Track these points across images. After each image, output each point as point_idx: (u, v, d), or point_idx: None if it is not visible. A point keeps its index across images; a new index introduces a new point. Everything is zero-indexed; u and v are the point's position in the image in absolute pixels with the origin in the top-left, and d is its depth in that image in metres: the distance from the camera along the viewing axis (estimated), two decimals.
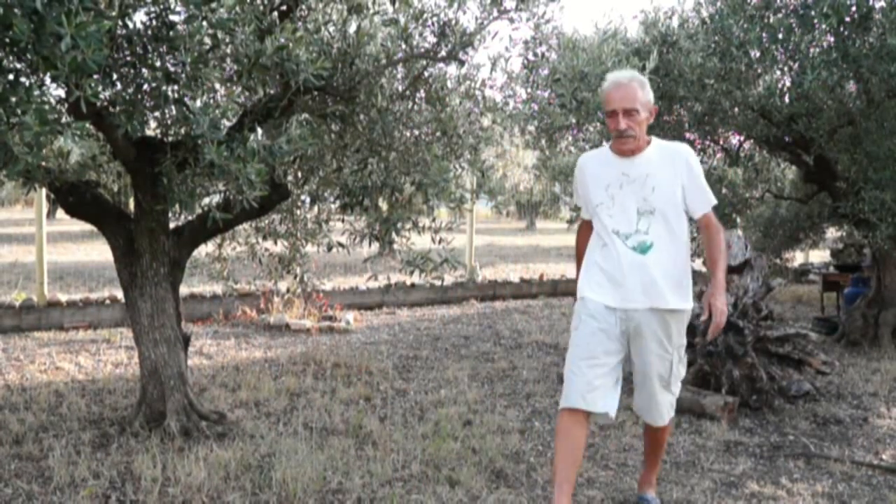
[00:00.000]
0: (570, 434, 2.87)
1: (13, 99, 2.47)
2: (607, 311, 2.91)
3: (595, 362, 2.88)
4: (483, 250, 15.21)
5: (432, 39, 3.82)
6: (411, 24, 3.72)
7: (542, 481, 3.44)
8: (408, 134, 4.14)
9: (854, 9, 5.13)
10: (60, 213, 17.26)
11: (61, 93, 2.95)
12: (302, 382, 5.10)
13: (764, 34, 5.44)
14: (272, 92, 3.61)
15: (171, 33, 2.98)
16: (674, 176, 2.86)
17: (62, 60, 2.32)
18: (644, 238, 2.85)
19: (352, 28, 3.71)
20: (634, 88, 2.83)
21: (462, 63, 3.89)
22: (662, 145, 2.94)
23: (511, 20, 3.88)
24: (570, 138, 6.77)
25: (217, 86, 3.62)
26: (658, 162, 2.88)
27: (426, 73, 4.01)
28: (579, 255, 3.20)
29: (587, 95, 4.55)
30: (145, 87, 3.11)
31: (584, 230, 3.21)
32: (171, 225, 4.10)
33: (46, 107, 2.52)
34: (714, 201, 2.95)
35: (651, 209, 2.85)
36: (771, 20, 5.49)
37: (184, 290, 5.41)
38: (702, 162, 7.48)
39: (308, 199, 4.85)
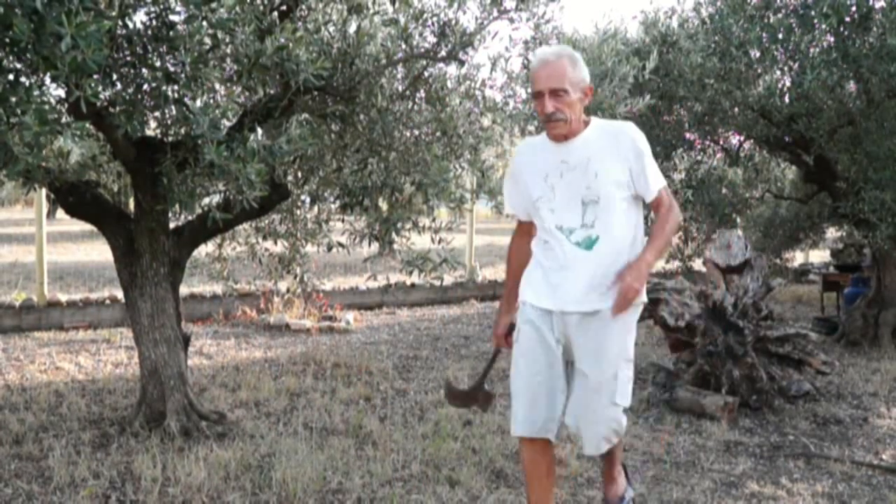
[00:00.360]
0: (536, 465, 2.65)
1: (13, 99, 2.47)
2: (545, 316, 2.59)
3: (539, 378, 2.58)
4: (483, 250, 15.20)
5: (432, 39, 3.83)
6: (411, 24, 3.72)
7: None
8: (408, 134, 4.15)
9: (854, 9, 5.13)
10: (60, 213, 17.25)
11: (61, 93, 2.95)
12: (302, 382, 5.10)
13: (764, 34, 5.44)
14: (272, 92, 3.62)
15: (171, 33, 2.98)
16: (618, 158, 2.52)
17: (62, 60, 2.32)
18: (590, 232, 2.51)
19: (352, 28, 3.71)
20: (563, 66, 2.47)
21: (462, 63, 3.89)
22: (603, 125, 2.60)
23: (511, 20, 3.88)
24: None
25: (217, 86, 3.62)
26: (599, 143, 2.54)
27: (426, 73, 4.01)
28: (511, 269, 2.82)
29: None
30: (145, 87, 3.12)
31: (520, 238, 2.83)
32: (171, 225, 4.10)
33: (46, 107, 2.53)
34: (663, 182, 2.60)
35: (595, 198, 2.51)
36: (771, 20, 5.49)
37: (184, 290, 5.41)
38: (701, 162, 7.50)
39: (308, 199, 4.85)
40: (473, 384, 2.96)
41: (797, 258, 10.65)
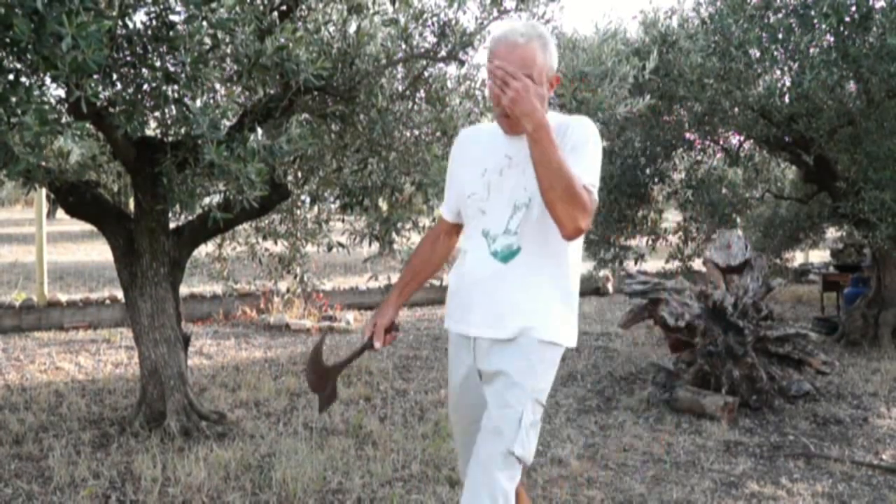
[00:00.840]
0: None
1: (13, 99, 2.47)
2: (460, 343, 2.20)
3: (474, 417, 2.15)
4: None
5: (432, 39, 3.83)
6: (411, 24, 3.72)
7: (543, 481, 3.44)
8: (408, 134, 4.15)
9: (854, 9, 5.13)
10: (60, 213, 17.25)
11: (61, 93, 2.95)
12: (302, 382, 5.10)
13: (764, 34, 5.44)
14: (272, 92, 3.62)
15: (171, 33, 2.98)
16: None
17: (62, 60, 2.32)
18: (511, 241, 2.07)
19: (352, 28, 3.71)
20: (533, 51, 2.00)
21: (462, 63, 3.89)
22: (555, 118, 2.08)
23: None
24: None
25: (217, 86, 3.62)
26: None
27: (426, 73, 4.02)
28: (413, 258, 2.39)
29: (587, 95, 4.55)
30: (145, 87, 3.12)
31: (435, 233, 2.40)
32: (171, 225, 4.11)
33: (46, 107, 2.53)
34: (592, 180, 2.00)
35: (527, 201, 2.06)
36: (771, 20, 5.50)
37: (184, 290, 5.41)
38: (701, 162, 7.49)
39: (308, 199, 4.86)
40: (328, 367, 2.44)
41: (797, 258, 10.66)
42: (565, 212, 1.90)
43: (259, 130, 3.61)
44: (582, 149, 2.02)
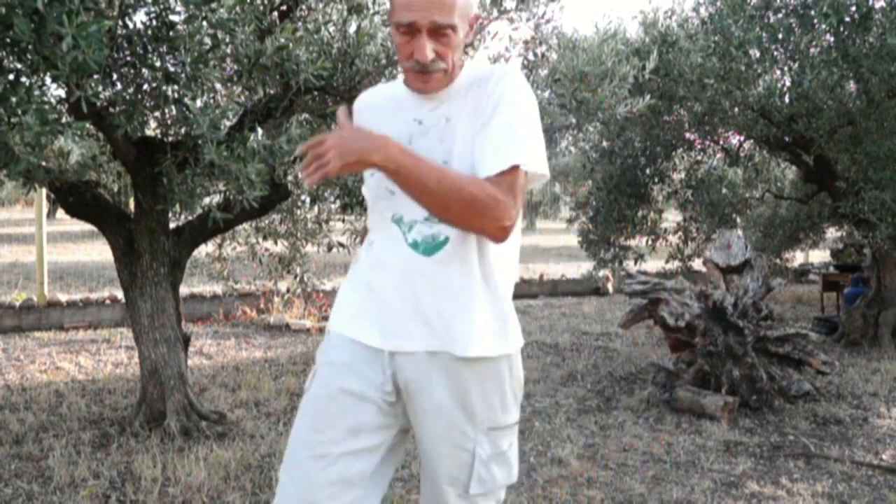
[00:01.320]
0: None
1: (14, 99, 2.47)
2: (364, 356, 1.66)
3: (327, 450, 1.62)
4: None
5: None
6: None
7: (542, 481, 3.44)
8: None
9: (854, 9, 5.14)
10: (60, 213, 17.26)
11: (62, 93, 2.95)
12: (302, 382, 5.09)
13: (764, 34, 5.45)
14: (272, 92, 3.62)
15: (171, 33, 2.98)
16: (482, 115, 1.60)
17: (63, 60, 2.32)
18: (435, 230, 1.61)
19: (352, 28, 3.71)
20: None
21: None
22: (476, 69, 1.69)
23: (511, 20, 3.89)
24: (570, 138, 6.77)
25: (217, 86, 3.62)
26: (464, 96, 1.64)
27: None
28: None
29: (587, 95, 4.55)
30: (145, 87, 3.12)
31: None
32: (171, 225, 4.11)
33: (47, 107, 2.53)
34: (524, 159, 1.56)
35: None
36: (771, 20, 5.50)
37: (184, 290, 5.41)
38: (701, 162, 7.49)
39: (308, 199, 4.86)
40: None
41: (797, 258, 10.66)
42: (479, 225, 1.54)
43: (259, 130, 3.62)
44: (509, 112, 1.58)
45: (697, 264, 7.71)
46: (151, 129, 3.67)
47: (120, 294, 6.66)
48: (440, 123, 1.64)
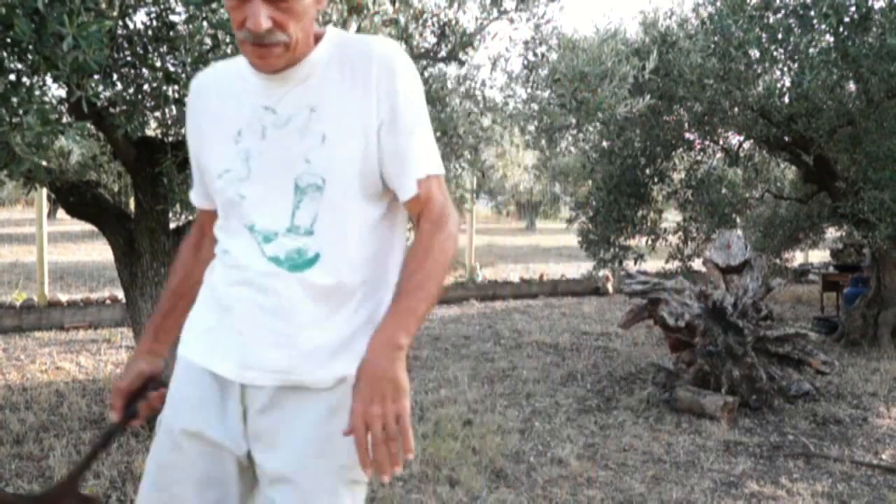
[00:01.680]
0: None
1: (15, 99, 2.48)
2: (212, 389, 1.41)
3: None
4: (483, 250, 15.21)
5: (432, 39, 3.84)
6: (411, 25, 3.73)
7: (542, 481, 3.44)
8: None
9: (854, 9, 5.15)
10: (61, 213, 17.26)
11: (62, 93, 2.96)
12: None
13: (764, 34, 5.46)
14: None
15: (171, 33, 2.99)
16: (364, 107, 1.33)
17: (63, 60, 2.33)
18: (302, 243, 1.35)
19: (352, 28, 3.72)
20: None
21: (462, 63, 3.90)
22: (346, 43, 1.37)
23: (511, 20, 3.90)
24: (570, 138, 6.78)
25: None
26: (335, 78, 1.35)
27: (426, 73, 4.02)
28: (171, 284, 1.60)
29: (587, 95, 4.56)
30: (146, 87, 3.12)
31: (195, 238, 1.62)
32: (172, 225, 4.11)
33: (48, 107, 2.53)
34: (437, 166, 1.40)
35: (319, 180, 1.34)
36: (770, 20, 5.51)
37: None
38: (701, 162, 7.49)
39: None
40: (50, 490, 1.63)
41: (797, 258, 10.66)
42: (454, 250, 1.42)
43: None
44: (412, 113, 1.35)
45: (697, 264, 7.72)
46: (152, 129, 3.68)
47: (120, 294, 6.66)
48: (301, 113, 1.34)
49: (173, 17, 3.02)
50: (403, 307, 1.32)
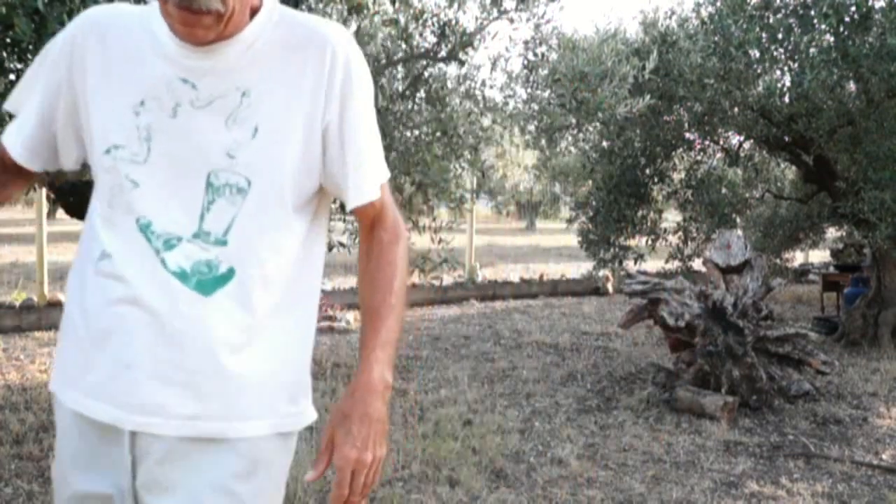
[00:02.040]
0: None
1: None
2: (94, 439, 1.16)
3: None
4: (483, 250, 15.22)
5: (432, 39, 3.84)
6: (411, 25, 3.73)
7: (542, 481, 3.44)
8: (408, 134, 4.15)
9: (854, 9, 5.15)
10: (61, 213, 17.23)
11: None
12: None
13: (764, 34, 5.46)
14: None
15: None
16: (311, 101, 1.15)
17: None
18: (213, 255, 1.13)
19: (352, 28, 3.72)
20: None
21: (462, 63, 3.90)
22: (290, 21, 1.17)
23: (511, 20, 3.90)
24: (570, 138, 6.78)
25: None
26: (276, 62, 1.15)
27: (426, 73, 4.02)
28: None
29: (587, 95, 4.56)
30: None
31: None
32: None
33: None
34: (387, 173, 1.26)
35: (243, 182, 1.13)
36: (771, 20, 5.51)
37: None
38: (701, 162, 7.49)
39: None
40: None
41: (797, 258, 10.66)
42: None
43: None
44: (363, 117, 1.19)
45: (697, 264, 7.71)
46: None
47: None
48: (229, 96, 1.12)
49: None
50: (385, 339, 1.18)
